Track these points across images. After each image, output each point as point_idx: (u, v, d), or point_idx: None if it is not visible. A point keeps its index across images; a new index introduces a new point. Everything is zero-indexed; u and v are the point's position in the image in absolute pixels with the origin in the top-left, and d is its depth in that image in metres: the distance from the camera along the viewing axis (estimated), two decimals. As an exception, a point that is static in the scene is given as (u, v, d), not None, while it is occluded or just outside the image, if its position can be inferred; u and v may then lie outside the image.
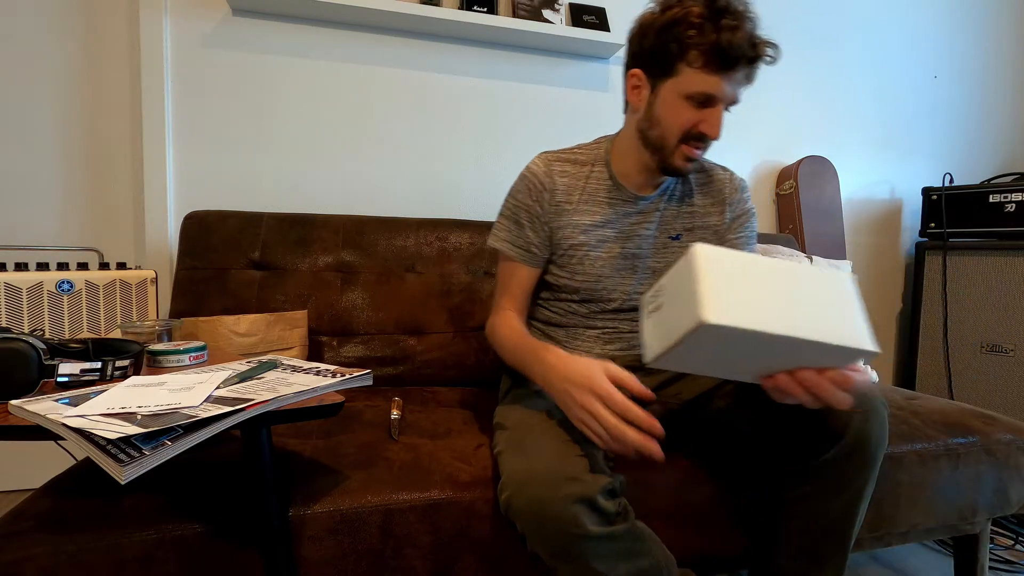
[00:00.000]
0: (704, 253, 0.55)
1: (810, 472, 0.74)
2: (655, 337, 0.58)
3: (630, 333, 0.95)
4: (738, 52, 0.76)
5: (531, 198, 0.92)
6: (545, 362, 0.74)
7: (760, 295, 0.53)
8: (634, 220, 0.93)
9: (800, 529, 0.76)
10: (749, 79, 0.82)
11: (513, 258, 0.94)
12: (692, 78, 0.79)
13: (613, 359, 0.85)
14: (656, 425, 0.62)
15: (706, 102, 0.81)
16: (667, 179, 0.94)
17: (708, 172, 0.98)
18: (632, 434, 0.61)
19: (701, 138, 0.83)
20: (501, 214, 0.96)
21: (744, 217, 0.96)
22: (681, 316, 0.53)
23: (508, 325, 0.90)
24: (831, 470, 0.72)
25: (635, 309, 0.94)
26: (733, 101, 0.83)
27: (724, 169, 0.99)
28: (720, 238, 0.96)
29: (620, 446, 0.63)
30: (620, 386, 0.64)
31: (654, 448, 0.61)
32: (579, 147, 0.98)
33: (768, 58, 0.80)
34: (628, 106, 0.91)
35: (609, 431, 0.62)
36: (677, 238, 0.94)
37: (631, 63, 0.87)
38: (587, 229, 0.92)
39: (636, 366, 0.82)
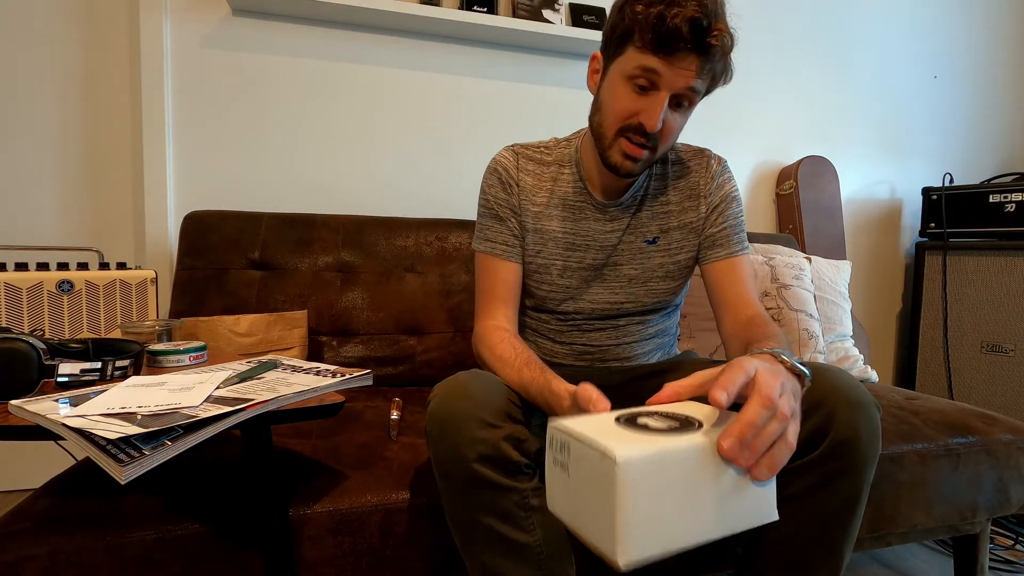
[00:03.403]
0: (627, 472, 0.40)
1: (792, 474, 0.67)
2: (562, 499, 0.46)
3: (601, 346, 0.93)
4: (677, 33, 0.71)
5: (504, 191, 0.90)
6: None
7: (681, 504, 0.42)
8: (606, 228, 0.89)
9: (783, 537, 0.69)
10: (706, 72, 0.75)
11: (499, 255, 0.90)
12: (633, 56, 0.75)
13: (587, 376, 0.79)
14: None
15: (647, 87, 0.76)
16: (635, 181, 0.89)
17: (685, 163, 0.92)
18: None
19: (641, 132, 0.77)
20: (480, 214, 0.93)
21: (723, 205, 0.90)
22: (593, 524, 0.42)
23: (504, 344, 0.80)
24: (815, 471, 0.66)
25: (606, 318, 0.92)
26: (682, 94, 0.76)
27: (701, 154, 0.93)
28: (699, 235, 0.91)
29: None
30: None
31: None
32: (548, 144, 0.94)
33: (717, 48, 0.72)
34: None
35: None
36: (653, 241, 0.90)
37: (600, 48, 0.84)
38: (555, 237, 0.89)
39: (608, 384, 0.78)
